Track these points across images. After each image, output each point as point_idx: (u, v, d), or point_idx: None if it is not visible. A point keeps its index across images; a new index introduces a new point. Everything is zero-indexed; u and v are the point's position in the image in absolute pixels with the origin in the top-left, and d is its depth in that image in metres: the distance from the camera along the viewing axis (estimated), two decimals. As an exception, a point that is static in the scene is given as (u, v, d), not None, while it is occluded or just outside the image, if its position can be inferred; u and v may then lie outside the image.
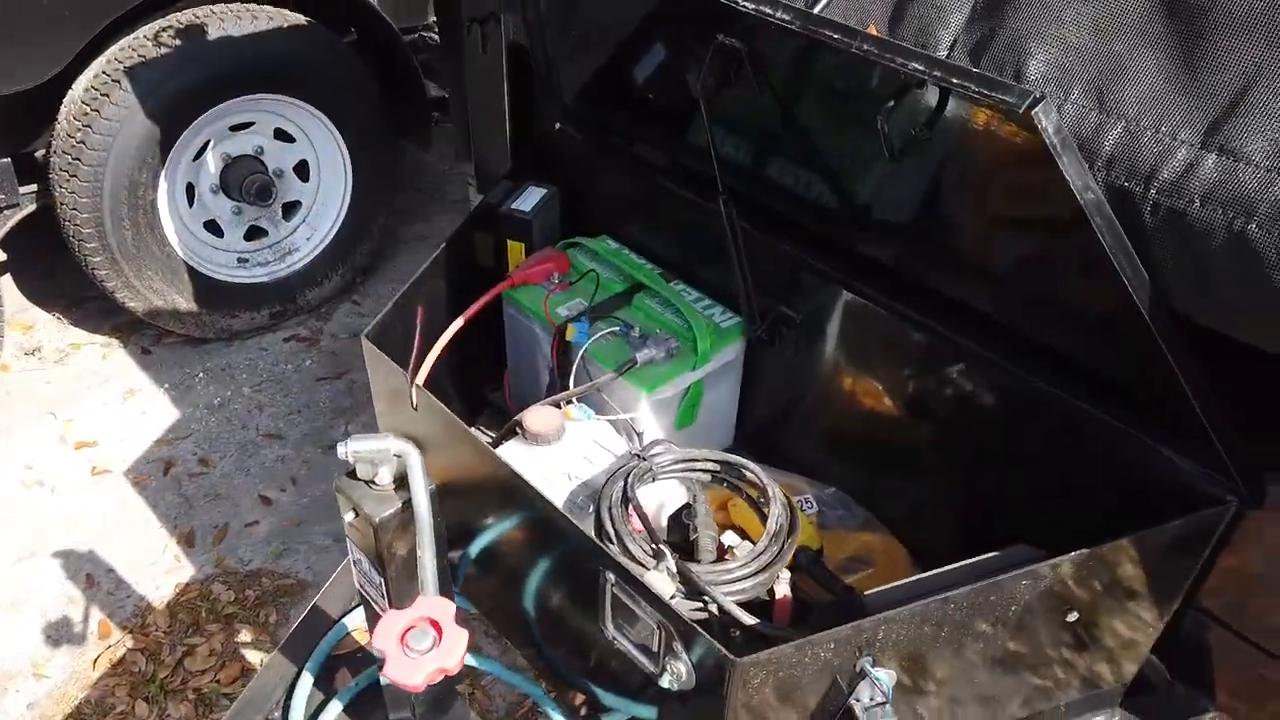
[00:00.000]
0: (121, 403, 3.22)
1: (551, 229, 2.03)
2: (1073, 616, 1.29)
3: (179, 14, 2.89)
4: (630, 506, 1.46)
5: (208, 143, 3.12)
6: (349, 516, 1.20)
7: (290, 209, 3.42)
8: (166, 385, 3.28)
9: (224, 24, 2.92)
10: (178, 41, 2.85)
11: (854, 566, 1.76)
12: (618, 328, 1.78)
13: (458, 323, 1.74)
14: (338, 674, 1.64)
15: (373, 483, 1.22)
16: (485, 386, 2.12)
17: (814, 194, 1.66)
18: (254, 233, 3.38)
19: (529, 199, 1.99)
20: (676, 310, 1.80)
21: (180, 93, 2.90)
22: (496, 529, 1.55)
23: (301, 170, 3.37)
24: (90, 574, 2.69)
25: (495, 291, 1.84)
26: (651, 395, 1.72)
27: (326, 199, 3.44)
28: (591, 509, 1.52)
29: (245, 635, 2.53)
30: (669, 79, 1.73)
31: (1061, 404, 1.39)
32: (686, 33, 1.57)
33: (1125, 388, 1.34)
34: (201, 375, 3.32)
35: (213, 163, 3.17)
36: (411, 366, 1.72)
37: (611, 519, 1.43)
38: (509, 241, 1.98)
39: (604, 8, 1.76)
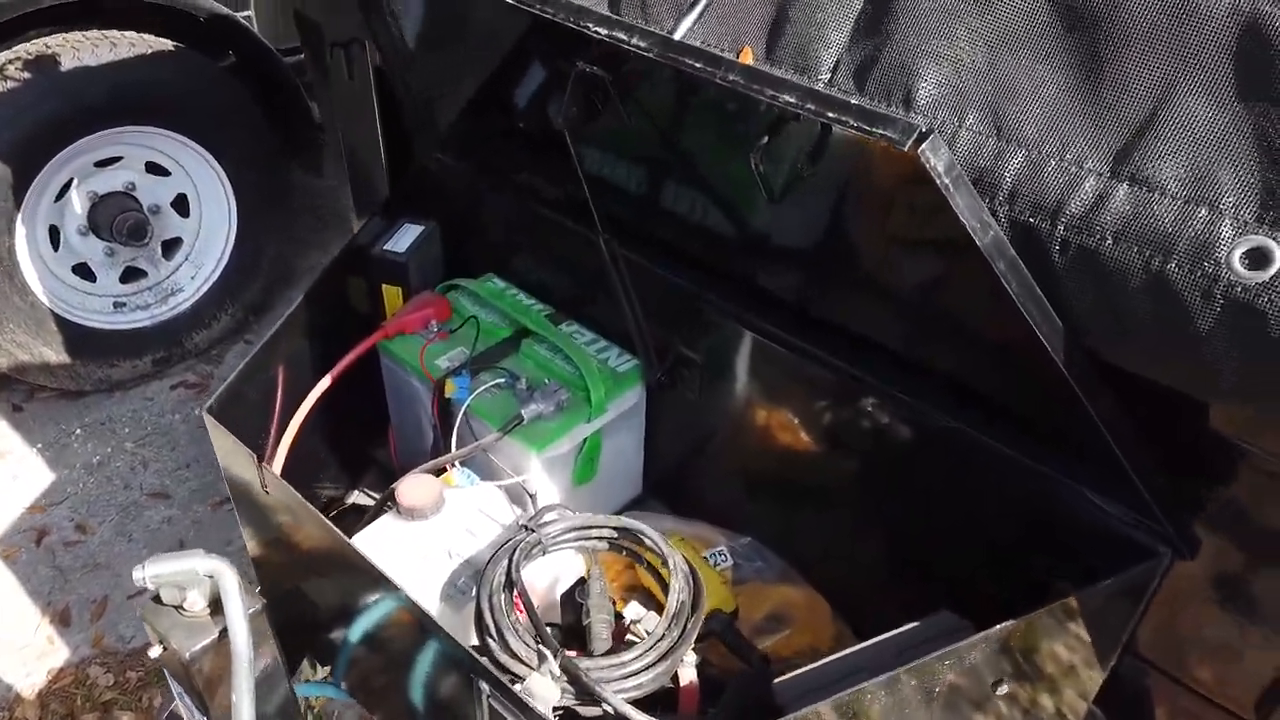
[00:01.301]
0: (-12, 468, 2.95)
1: (431, 268, 1.87)
2: (1003, 690, 1.17)
3: (27, 45, 2.65)
4: (515, 591, 1.30)
5: (70, 181, 2.88)
6: (155, 651, 1.03)
7: (170, 246, 3.18)
8: (39, 445, 3.03)
9: (79, 53, 2.69)
10: (26, 75, 2.61)
11: (772, 627, 1.63)
12: (503, 379, 1.63)
13: (321, 385, 1.57)
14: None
15: (182, 608, 1.05)
16: (370, 442, 1.94)
17: (705, 222, 1.53)
18: (131, 274, 3.14)
19: (404, 238, 1.82)
20: (567, 356, 1.65)
21: (32, 131, 2.65)
22: (368, 619, 1.38)
23: (180, 205, 3.14)
24: (-49, 664, 2.43)
25: (365, 346, 1.67)
26: (542, 454, 1.56)
27: (210, 234, 3.21)
28: (474, 592, 1.36)
29: (127, 724, 2.31)
30: (540, 106, 1.58)
31: (975, 442, 1.28)
32: (551, 59, 1.42)
33: (1041, 428, 1.23)
34: (79, 432, 3.07)
35: (78, 202, 2.93)
36: (270, 440, 1.54)
37: (492, 609, 1.27)
38: (384, 286, 1.81)
39: (465, 35, 1.60)
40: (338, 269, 1.77)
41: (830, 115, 0.86)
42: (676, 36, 1.05)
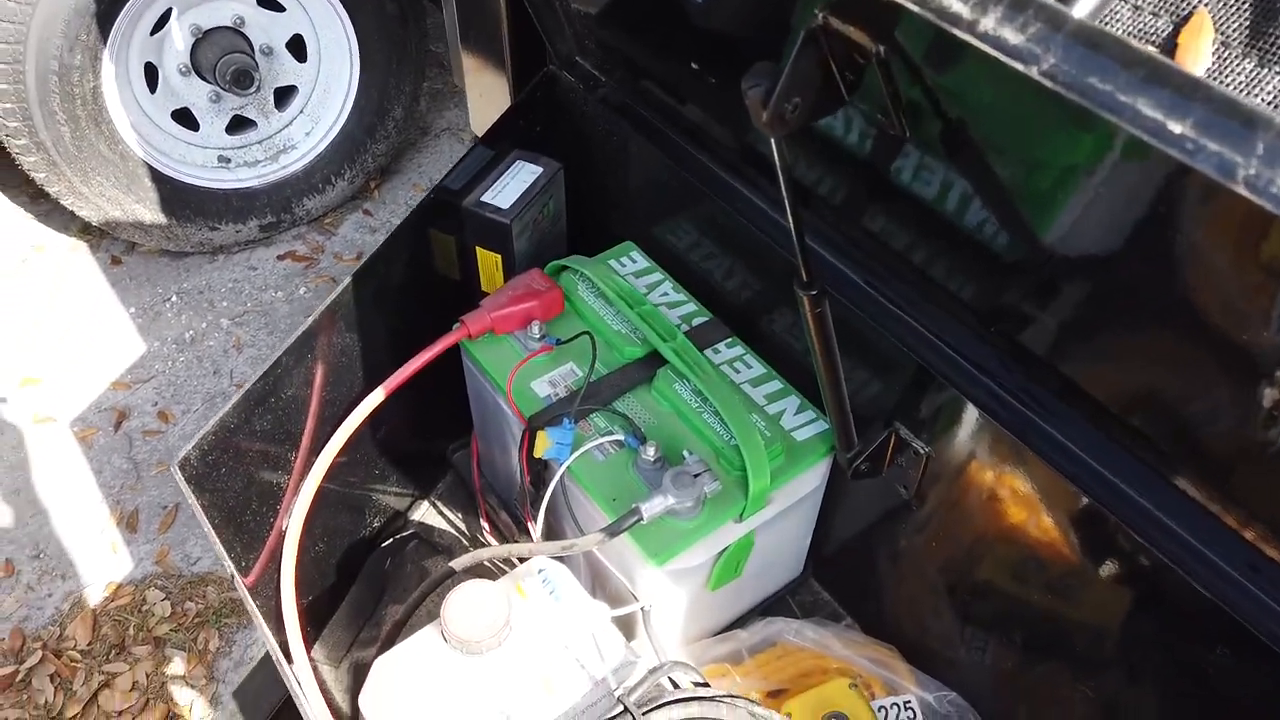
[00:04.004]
0: (78, 327, 2.69)
1: (547, 231, 1.33)
2: None
3: None
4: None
5: (169, 10, 2.42)
6: None
7: (284, 95, 2.73)
8: (133, 310, 2.73)
9: None
10: (112, -126, 2.12)
11: None
12: (621, 436, 1.10)
13: (373, 398, 1.08)
14: None
15: None
16: (450, 442, 1.47)
17: (960, 267, 0.93)
18: (239, 125, 2.72)
19: (513, 184, 1.27)
20: (718, 414, 1.10)
21: (119, -54, 2.19)
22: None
23: (297, 47, 2.66)
24: (11, 559, 2.22)
25: (437, 350, 1.16)
26: (664, 568, 1.05)
27: (329, 83, 2.74)
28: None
29: (176, 666, 2.05)
30: (736, 49, 0.97)
31: None
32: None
33: None
34: (174, 299, 2.76)
35: (179, 37, 2.49)
36: (296, 469, 1.09)
37: None
38: (479, 249, 1.29)
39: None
40: (417, 221, 1.25)
41: None
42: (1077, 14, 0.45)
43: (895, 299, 1.05)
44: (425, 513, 1.46)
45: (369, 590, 1.37)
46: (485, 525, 1.38)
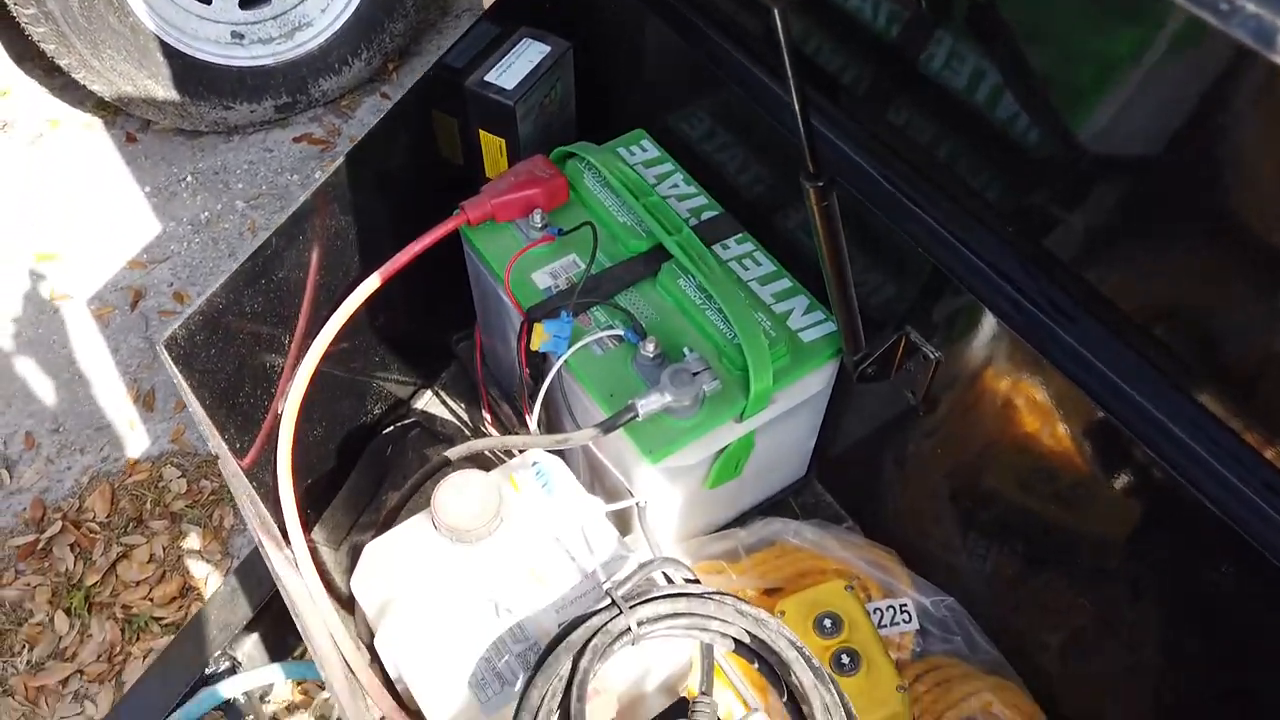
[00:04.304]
0: (94, 205, 2.67)
1: (555, 114, 1.27)
2: None
3: None
4: (567, 730, 0.83)
5: None
6: None
7: (299, -32, 2.64)
8: (148, 188, 2.71)
9: None
10: None
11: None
12: (621, 331, 1.07)
13: (368, 284, 1.06)
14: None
15: None
16: (454, 332, 1.45)
17: (999, 158, 0.87)
18: (253, -1, 2.63)
19: (519, 65, 1.21)
20: (721, 311, 1.07)
21: None
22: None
23: (312, -86, 2.55)
24: (31, 432, 2.26)
25: (435, 237, 1.12)
26: (659, 465, 1.03)
27: (346, -44, 2.64)
28: (517, 686, 0.90)
29: (192, 540, 2.10)
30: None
31: None
32: None
33: None
34: (190, 179, 2.72)
35: (189, -100, 2.39)
36: (292, 353, 1.08)
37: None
38: (482, 131, 1.23)
39: None
40: (416, 100, 1.20)
41: None
42: None
43: (912, 195, 0.99)
44: (428, 402, 1.45)
45: (370, 476, 1.37)
46: (487, 416, 1.36)
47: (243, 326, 1.03)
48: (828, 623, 1.09)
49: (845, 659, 1.07)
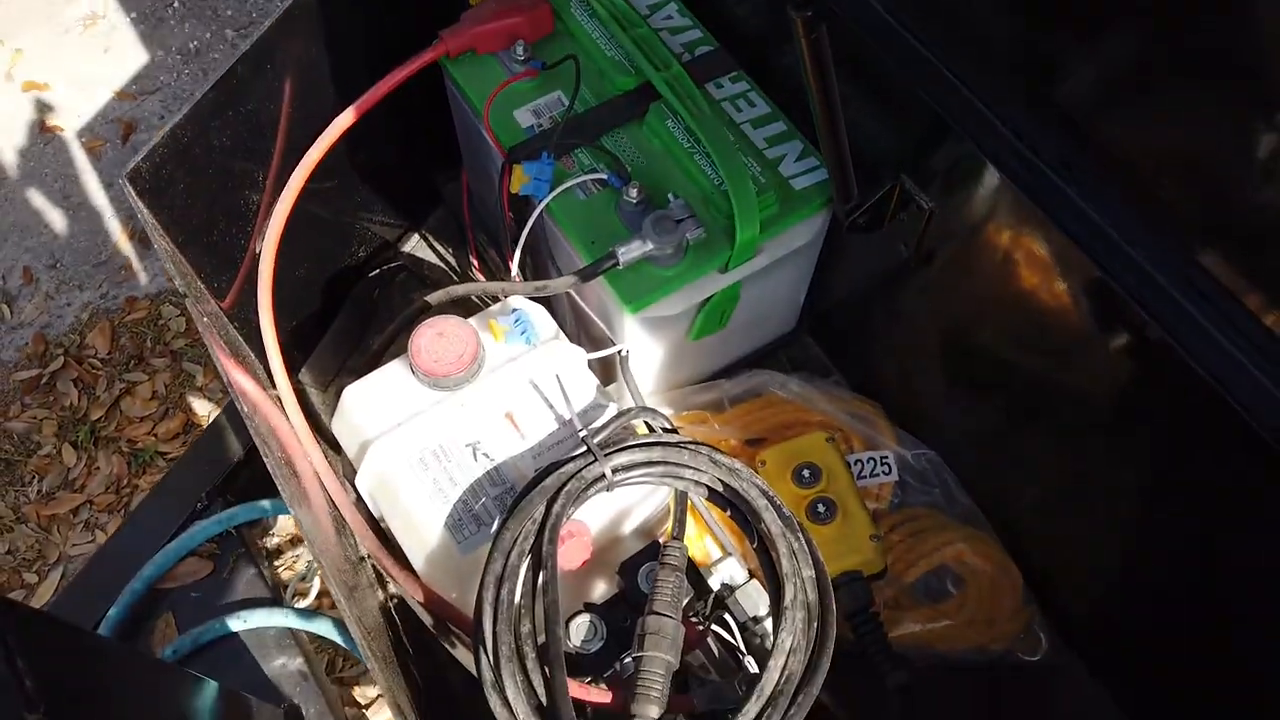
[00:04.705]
0: (81, 32, 2.57)
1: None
2: None
3: None
4: (540, 577, 0.85)
5: None
6: None
7: None
8: (134, 15, 2.59)
9: None
10: None
11: (936, 588, 1.15)
12: (605, 175, 1.03)
13: (343, 119, 1.02)
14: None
15: None
16: (442, 173, 1.40)
17: None
18: None
19: (503, -122, 1.12)
20: (709, 155, 1.02)
21: None
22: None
23: None
24: (29, 267, 2.26)
25: (412, 68, 1.07)
26: (638, 315, 1.01)
27: None
28: (494, 528, 0.92)
29: (193, 378, 2.12)
30: None
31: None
32: None
33: None
34: (177, 5, 2.61)
35: None
36: (266, 191, 1.05)
37: (497, 609, 0.83)
38: (465, -43, 1.15)
39: None
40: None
41: None
42: None
43: (915, 31, 0.93)
44: (416, 245, 1.42)
45: (356, 319, 1.36)
46: (474, 262, 1.34)
47: (211, 161, 0.99)
48: (806, 473, 1.10)
49: (821, 508, 1.08)
